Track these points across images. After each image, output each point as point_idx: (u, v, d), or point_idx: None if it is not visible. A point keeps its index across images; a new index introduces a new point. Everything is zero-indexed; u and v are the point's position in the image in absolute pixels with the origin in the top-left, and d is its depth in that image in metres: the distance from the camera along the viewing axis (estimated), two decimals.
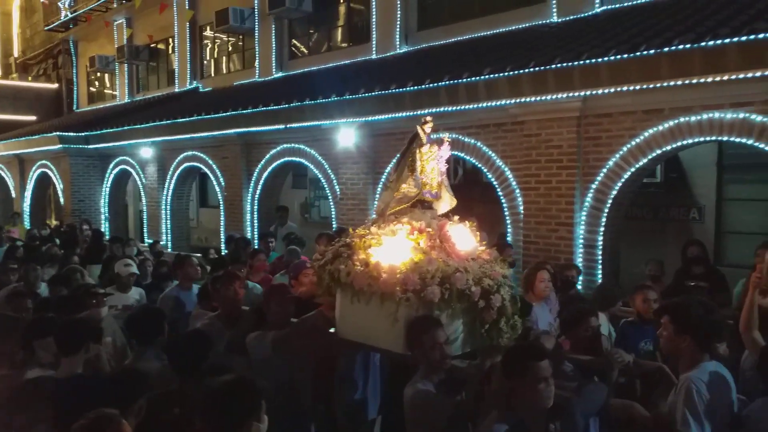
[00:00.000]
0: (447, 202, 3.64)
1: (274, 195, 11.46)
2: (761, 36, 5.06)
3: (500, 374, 2.64)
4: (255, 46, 13.99)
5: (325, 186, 9.96)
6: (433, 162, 3.53)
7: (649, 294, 4.57)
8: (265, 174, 10.97)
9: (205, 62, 16.15)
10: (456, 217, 3.52)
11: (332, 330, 3.57)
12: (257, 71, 13.95)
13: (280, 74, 13.45)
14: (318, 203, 13.23)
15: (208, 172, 12.21)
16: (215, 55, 15.92)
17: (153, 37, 17.23)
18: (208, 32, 15.72)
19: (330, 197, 9.90)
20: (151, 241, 12.12)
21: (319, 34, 13.09)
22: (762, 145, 5.64)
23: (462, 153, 7.93)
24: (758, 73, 5.21)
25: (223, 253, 9.55)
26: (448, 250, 3.29)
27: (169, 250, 12.73)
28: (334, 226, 9.75)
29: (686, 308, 2.98)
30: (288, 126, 9.63)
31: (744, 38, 5.14)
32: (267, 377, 3.58)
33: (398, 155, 3.66)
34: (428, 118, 3.55)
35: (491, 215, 8.24)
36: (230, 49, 15.43)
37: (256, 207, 11.23)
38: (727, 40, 5.24)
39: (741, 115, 5.67)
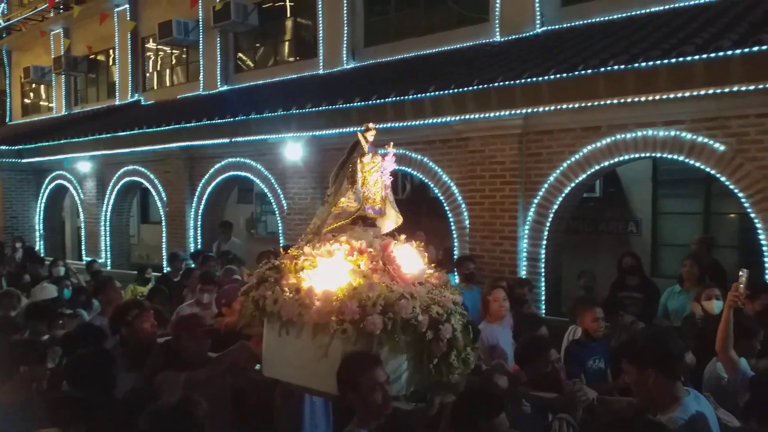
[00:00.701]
0: (392, 219, 3.24)
1: (219, 210, 11.26)
2: (689, 58, 5.34)
3: (449, 425, 2.39)
4: (199, 59, 13.77)
5: (272, 201, 9.85)
6: (376, 174, 3.13)
7: (597, 312, 4.41)
8: (209, 189, 10.77)
9: (147, 75, 15.77)
10: (402, 236, 3.12)
11: (257, 367, 3.09)
12: (202, 84, 13.73)
13: (225, 87, 13.28)
14: (265, 218, 13.06)
15: (150, 186, 11.90)
16: (158, 68, 15.57)
17: (92, 48, 16.69)
18: (150, 44, 15.37)
19: (277, 212, 9.79)
20: (89, 259, 11.66)
21: (266, 48, 13.01)
22: (692, 161, 5.92)
23: (409, 168, 8.00)
24: (687, 93, 5.49)
25: (165, 271, 9.19)
26: (392, 273, 2.87)
27: (109, 268, 12.30)
28: (281, 241, 9.65)
29: (636, 344, 2.77)
30: (233, 140, 9.51)
31: (673, 60, 5.41)
32: None
33: (336, 166, 3.24)
34: (371, 125, 3.19)
35: (439, 230, 8.34)
36: (174, 61, 15.13)
37: (199, 223, 11.01)
38: (657, 62, 5.50)
39: (672, 133, 5.95)
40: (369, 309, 2.67)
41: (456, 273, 6.57)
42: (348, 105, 7.89)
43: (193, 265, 8.89)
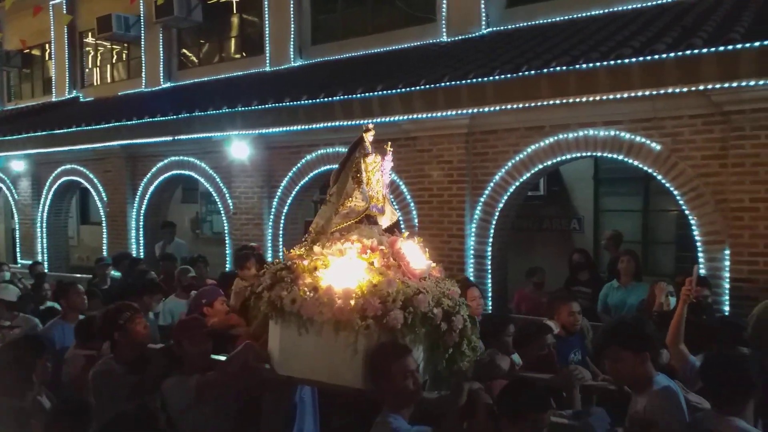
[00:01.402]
0: (388, 216, 3.34)
1: (162, 210, 10.95)
2: (626, 61, 5.51)
3: (490, 415, 2.46)
4: (141, 55, 13.37)
5: (218, 200, 9.66)
6: (378, 173, 3.23)
7: (573, 306, 4.53)
8: (152, 188, 10.47)
9: (86, 70, 15.20)
10: (405, 233, 3.27)
11: (267, 367, 3.11)
12: (144, 81, 13.33)
13: (168, 84, 12.93)
14: (210, 218, 12.79)
15: (89, 186, 11.48)
16: (98, 63, 15.03)
17: (27, 42, 15.93)
18: (89, 39, 14.82)
19: (223, 212, 9.60)
20: (28, 262, 11.12)
21: (211, 45, 12.74)
22: (630, 161, 6.12)
23: None
24: (625, 95, 5.67)
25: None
26: (403, 269, 2.98)
27: (46, 271, 11.79)
28: (227, 241, 9.48)
29: (635, 329, 2.91)
30: (176, 138, 9.26)
31: (612, 62, 5.58)
32: (187, 428, 3.21)
33: (337, 166, 3.30)
34: (370, 126, 3.23)
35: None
36: (114, 57, 14.63)
37: (141, 223, 10.67)
38: (597, 64, 5.66)
39: (612, 133, 6.14)
40: (390, 305, 2.77)
41: None
42: (295, 103, 7.81)
43: (115, 273, 8.58)
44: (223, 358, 3.38)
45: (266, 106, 8.10)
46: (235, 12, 12.19)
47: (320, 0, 10.92)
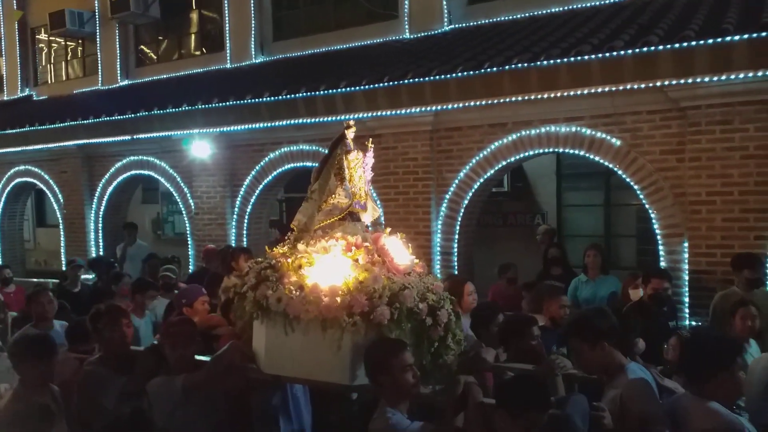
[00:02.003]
0: (370, 213, 3.39)
1: (121, 211, 10.69)
2: (586, 57, 5.58)
3: (497, 412, 2.50)
4: (97, 52, 13.00)
5: (179, 200, 9.46)
6: (359, 170, 3.27)
7: (563, 300, 4.61)
8: (110, 189, 10.20)
9: (39, 68, 14.72)
10: (388, 229, 3.30)
11: (254, 366, 3.13)
12: (100, 78, 12.96)
13: (126, 82, 12.60)
14: (172, 218, 12.56)
15: (45, 188, 11.13)
16: (51, 61, 14.56)
17: None
18: (42, 35, 14.35)
19: (185, 212, 9.42)
20: None
21: (170, 41, 12.46)
22: (592, 156, 6.21)
23: None
24: (585, 91, 5.74)
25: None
26: (387, 265, 3.02)
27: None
28: (189, 242, 9.30)
29: (587, 320, 2.96)
30: (135, 137, 9.03)
31: (572, 59, 5.64)
32: (174, 428, 3.17)
33: (318, 163, 3.32)
34: (351, 123, 3.25)
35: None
36: (69, 54, 14.19)
37: (100, 225, 10.40)
38: (558, 61, 5.72)
39: (573, 129, 6.22)
40: (376, 301, 2.80)
41: None
42: (257, 100, 7.69)
43: (92, 276, 8.39)
44: (206, 358, 3.37)
45: (227, 103, 7.95)
46: (194, 8, 11.94)
47: None
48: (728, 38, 5.04)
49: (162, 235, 12.80)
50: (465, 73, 6.20)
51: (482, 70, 6.10)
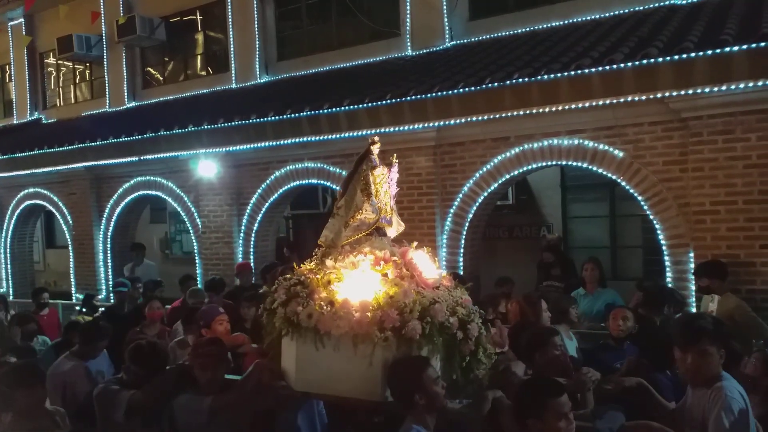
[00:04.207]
0: (395, 227, 3.38)
1: (129, 232, 10.77)
2: (586, 71, 5.63)
3: (513, 416, 2.47)
4: (104, 75, 13.19)
5: (186, 220, 9.54)
6: (385, 185, 3.26)
7: (627, 313, 4.51)
8: (118, 209, 10.29)
9: (48, 92, 14.94)
10: (414, 243, 3.28)
11: (283, 384, 3.11)
12: (108, 101, 13.15)
13: (133, 104, 12.77)
14: (180, 238, 12.63)
15: (54, 210, 11.24)
16: (60, 84, 14.78)
17: None
18: (50, 59, 14.58)
19: (192, 231, 9.49)
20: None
21: (176, 63, 12.63)
22: (595, 168, 6.24)
23: (328, 182, 7.99)
24: (586, 104, 5.79)
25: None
26: (416, 279, 3.02)
27: (11, 297, 11.49)
28: (197, 260, 9.36)
29: (718, 325, 2.91)
30: (142, 158, 9.13)
31: (572, 73, 5.69)
32: None
33: (344, 179, 3.32)
34: (376, 138, 3.24)
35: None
36: (77, 77, 14.41)
37: (109, 246, 10.48)
38: (558, 75, 5.77)
39: (575, 142, 6.25)
40: (407, 315, 2.79)
41: None
42: (262, 119, 7.78)
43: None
44: (234, 377, 3.39)
45: (233, 123, 8.05)
46: (199, 29, 12.13)
47: (285, 16, 10.94)
48: (727, 49, 5.08)
49: (170, 255, 12.87)
50: (467, 88, 6.26)
51: (484, 86, 6.15)
